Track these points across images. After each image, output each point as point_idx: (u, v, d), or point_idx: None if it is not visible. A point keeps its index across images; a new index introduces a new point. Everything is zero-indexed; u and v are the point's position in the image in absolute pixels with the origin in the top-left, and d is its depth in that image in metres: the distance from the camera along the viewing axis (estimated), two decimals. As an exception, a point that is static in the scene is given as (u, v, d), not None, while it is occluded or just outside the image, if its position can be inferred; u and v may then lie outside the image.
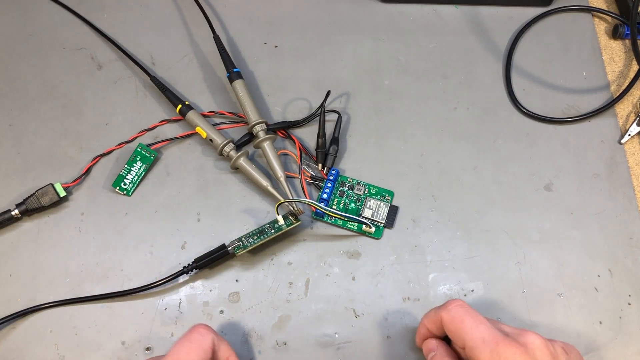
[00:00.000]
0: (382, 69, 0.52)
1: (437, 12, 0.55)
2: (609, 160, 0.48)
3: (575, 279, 0.43)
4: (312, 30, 0.54)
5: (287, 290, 0.42)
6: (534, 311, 0.42)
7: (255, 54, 0.52)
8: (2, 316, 0.41)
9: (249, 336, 0.41)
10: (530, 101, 0.50)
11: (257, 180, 0.44)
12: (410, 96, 0.51)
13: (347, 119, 0.49)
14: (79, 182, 0.46)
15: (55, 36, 0.53)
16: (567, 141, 0.49)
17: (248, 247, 0.41)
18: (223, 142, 0.45)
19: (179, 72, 0.51)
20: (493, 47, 0.53)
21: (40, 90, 0.50)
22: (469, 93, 0.51)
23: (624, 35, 0.53)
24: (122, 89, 0.50)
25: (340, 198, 0.45)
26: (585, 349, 0.41)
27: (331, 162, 0.46)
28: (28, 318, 0.41)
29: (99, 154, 0.47)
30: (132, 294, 0.41)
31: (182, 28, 0.54)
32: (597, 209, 0.46)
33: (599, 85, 0.51)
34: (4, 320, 0.40)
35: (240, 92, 0.47)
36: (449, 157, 0.48)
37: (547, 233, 0.45)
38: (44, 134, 0.48)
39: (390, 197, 0.45)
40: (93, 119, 0.49)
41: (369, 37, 0.53)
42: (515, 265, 0.43)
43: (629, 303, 0.42)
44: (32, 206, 0.43)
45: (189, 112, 0.46)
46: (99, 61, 0.52)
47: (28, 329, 0.41)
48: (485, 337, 0.31)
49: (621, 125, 0.50)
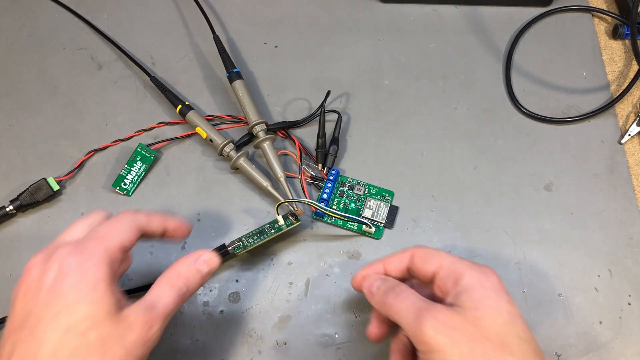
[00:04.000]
0: (382, 69, 0.52)
1: (437, 12, 0.55)
2: (609, 160, 0.48)
3: (575, 279, 0.43)
4: (312, 30, 0.54)
5: (287, 290, 0.42)
6: (534, 311, 0.42)
7: (255, 53, 0.52)
8: (2, 316, 0.41)
9: (249, 336, 0.41)
10: (530, 101, 0.50)
11: (257, 180, 0.44)
12: (410, 96, 0.51)
13: (347, 119, 0.49)
14: (72, 176, 0.46)
15: (55, 36, 0.53)
16: (567, 141, 0.49)
17: (248, 247, 0.41)
18: (223, 142, 0.45)
19: (179, 72, 0.51)
20: (493, 47, 0.53)
21: (40, 90, 0.50)
22: (469, 93, 0.51)
23: (624, 35, 0.53)
24: (122, 89, 0.50)
25: (340, 198, 0.45)
26: (585, 349, 0.41)
27: (331, 162, 0.46)
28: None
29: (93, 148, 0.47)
30: (133, 294, 0.41)
31: (182, 28, 0.54)
32: (597, 209, 0.46)
33: (599, 85, 0.51)
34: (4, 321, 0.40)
35: (240, 92, 0.47)
36: (449, 157, 0.48)
37: (547, 233, 0.45)
38: (44, 133, 0.48)
39: (391, 197, 0.45)
40: (93, 119, 0.49)
41: (369, 37, 0.53)
42: (515, 265, 0.43)
43: (629, 303, 0.42)
44: (26, 201, 0.44)
45: (189, 113, 0.46)
46: (99, 61, 0.52)
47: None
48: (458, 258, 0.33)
49: (621, 125, 0.50)
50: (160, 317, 0.30)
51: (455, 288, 0.31)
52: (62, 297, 0.28)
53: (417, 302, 0.30)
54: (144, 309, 0.30)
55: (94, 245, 0.30)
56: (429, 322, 0.29)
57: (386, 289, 0.33)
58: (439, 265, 0.32)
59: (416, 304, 0.30)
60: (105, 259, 0.29)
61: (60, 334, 0.27)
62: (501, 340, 0.28)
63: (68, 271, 0.29)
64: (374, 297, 0.33)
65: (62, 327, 0.27)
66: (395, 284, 0.33)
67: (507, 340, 0.28)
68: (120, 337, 0.28)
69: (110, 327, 0.28)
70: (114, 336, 0.28)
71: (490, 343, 0.28)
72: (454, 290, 0.31)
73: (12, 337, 0.28)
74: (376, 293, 0.33)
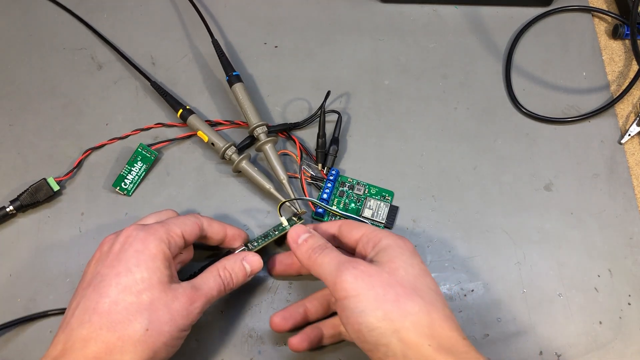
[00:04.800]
0: (382, 69, 0.52)
1: (437, 12, 0.55)
2: (609, 160, 0.48)
3: (575, 279, 0.43)
4: (312, 30, 0.54)
5: (287, 290, 0.42)
6: (534, 311, 0.42)
7: (255, 54, 0.52)
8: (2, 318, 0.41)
9: (249, 336, 0.41)
10: (530, 101, 0.50)
11: (260, 183, 0.44)
12: (410, 96, 0.51)
13: (347, 119, 0.49)
14: (71, 176, 0.46)
15: (55, 36, 0.53)
16: (567, 141, 0.49)
17: (252, 250, 0.41)
18: (225, 145, 0.45)
19: (178, 73, 0.51)
20: (493, 47, 0.53)
21: (40, 90, 0.50)
22: (469, 93, 0.51)
23: (624, 35, 0.53)
24: (122, 89, 0.50)
25: (341, 198, 0.45)
26: (585, 349, 0.41)
27: (331, 162, 0.46)
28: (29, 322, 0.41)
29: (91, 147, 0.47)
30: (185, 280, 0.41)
31: (182, 29, 0.54)
32: (597, 209, 0.46)
33: (599, 85, 0.51)
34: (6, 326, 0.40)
35: (240, 95, 0.47)
36: (449, 157, 0.48)
37: (547, 233, 0.45)
38: (44, 133, 0.48)
39: (391, 197, 0.45)
40: (93, 119, 0.49)
41: (369, 37, 0.53)
42: (515, 266, 0.43)
43: (629, 303, 0.42)
44: (26, 202, 0.44)
45: (190, 117, 0.46)
46: (99, 61, 0.52)
47: (28, 331, 0.41)
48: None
49: (621, 126, 0.50)
50: (203, 297, 0.34)
51: (374, 249, 0.35)
52: (124, 261, 0.33)
53: (339, 257, 0.34)
54: (191, 287, 0.34)
55: (158, 226, 0.35)
56: (349, 271, 0.32)
57: (313, 246, 0.36)
58: (362, 233, 0.36)
59: (338, 258, 0.34)
60: (166, 239, 0.34)
61: (118, 291, 0.32)
62: (413, 286, 0.32)
63: (132, 241, 0.34)
64: (300, 248, 0.36)
65: (120, 286, 0.32)
66: (322, 242, 0.36)
67: (418, 287, 0.32)
68: (167, 303, 0.32)
69: (161, 293, 0.33)
70: (162, 301, 0.32)
71: (402, 288, 0.32)
72: (373, 251, 0.35)
73: (79, 294, 0.33)
74: (302, 245, 0.36)
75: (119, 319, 0.31)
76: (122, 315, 0.31)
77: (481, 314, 0.42)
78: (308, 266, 0.35)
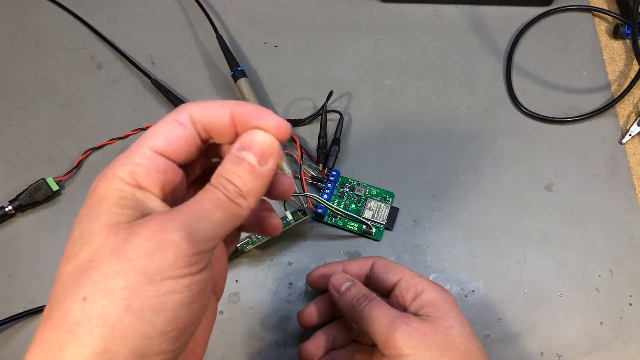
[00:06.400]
0: (382, 68, 0.52)
1: (437, 12, 0.55)
2: (610, 160, 0.48)
3: (575, 279, 0.43)
4: (312, 30, 0.54)
5: (287, 290, 0.42)
6: (535, 312, 0.42)
7: (255, 53, 0.52)
8: (2, 316, 0.40)
9: (249, 336, 0.41)
10: (530, 101, 0.50)
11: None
12: (410, 96, 0.50)
13: (347, 119, 0.49)
14: (70, 176, 0.46)
15: (55, 36, 0.53)
16: (568, 141, 0.48)
17: (257, 242, 0.41)
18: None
19: (178, 72, 0.51)
20: (493, 47, 0.53)
21: (40, 90, 0.50)
22: (469, 93, 0.51)
23: (625, 35, 0.53)
24: (122, 89, 0.50)
25: (341, 199, 0.45)
26: (586, 350, 0.41)
27: (332, 163, 0.46)
28: (27, 318, 0.41)
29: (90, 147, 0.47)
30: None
31: (181, 27, 0.54)
32: (598, 209, 0.46)
33: (600, 85, 0.51)
34: (5, 322, 0.40)
35: (245, 90, 0.47)
36: (449, 157, 0.48)
37: (547, 233, 0.45)
38: (44, 133, 0.48)
39: (391, 198, 0.45)
40: (93, 119, 0.49)
41: (369, 37, 0.53)
42: (515, 266, 0.43)
43: (630, 304, 0.42)
44: (25, 202, 0.43)
45: None
46: (99, 61, 0.52)
47: (27, 330, 0.41)
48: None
49: (622, 125, 0.50)
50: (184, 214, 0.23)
51: (417, 301, 0.34)
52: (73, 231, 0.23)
53: (390, 310, 0.33)
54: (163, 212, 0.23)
55: (114, 162, 0.26)
56: (403, 328, 0.31)
57: (357, 296, 0.34)
58: (401, 277, 0.35)
59: (389, 313, 0.33)
60: (120, 174, 0.26)
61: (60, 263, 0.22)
62: (466, 349, 0.31)
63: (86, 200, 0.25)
64: (343, 298, 0.35)
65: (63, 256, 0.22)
66: (369, 294, 0.34)
67: (470, 349, 0.32)
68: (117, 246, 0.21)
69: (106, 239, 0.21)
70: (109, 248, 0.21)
71: (457, 351, 0.31)
72: (416, 303, 0.34)
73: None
74: (345, 295, 0.35)
75: (56, 301, 0.20)
76: (59, 295, 0.20)
77: (482, 314, 0.42)
78: (353, 317, 0.34)
